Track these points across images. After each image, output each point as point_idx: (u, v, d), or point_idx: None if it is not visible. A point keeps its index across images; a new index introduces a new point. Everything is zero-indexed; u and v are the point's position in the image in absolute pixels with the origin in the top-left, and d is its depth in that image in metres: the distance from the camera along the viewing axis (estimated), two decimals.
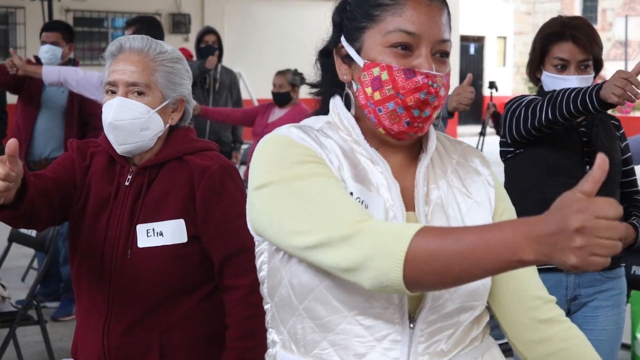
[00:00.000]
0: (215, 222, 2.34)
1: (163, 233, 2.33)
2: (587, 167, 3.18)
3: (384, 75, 1.61)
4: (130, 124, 2.33)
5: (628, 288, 4.02)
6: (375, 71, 1.63)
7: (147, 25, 5.78)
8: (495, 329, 4.37)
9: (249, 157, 7.07)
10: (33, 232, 4.63)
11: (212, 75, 7.35)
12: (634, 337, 4.82)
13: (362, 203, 1.58)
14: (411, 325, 1.59)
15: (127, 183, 2.39)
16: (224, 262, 2.36)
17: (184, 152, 2.39)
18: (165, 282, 2.35)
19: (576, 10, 34.56)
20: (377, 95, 1.63)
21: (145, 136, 2.36)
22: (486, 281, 1.66)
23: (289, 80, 6.86)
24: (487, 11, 28.41)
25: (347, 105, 1.72)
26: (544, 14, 34.52)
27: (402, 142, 1.68)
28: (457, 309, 1.62)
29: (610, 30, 33.50)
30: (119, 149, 2.38)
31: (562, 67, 3.20)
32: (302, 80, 6.99)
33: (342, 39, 1.70)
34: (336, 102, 1.73)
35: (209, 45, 7.37)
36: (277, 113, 6.90)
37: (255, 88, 19.09)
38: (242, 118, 6.96)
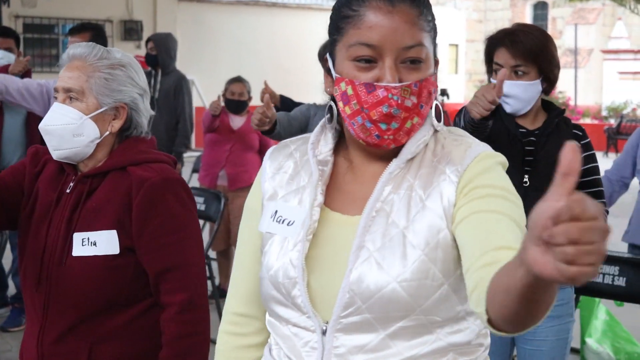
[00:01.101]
0: (150, 236, 2.28)
1: (97, 243, 2.29)
2: (526, 176, 3.21)
3: (349, 90, 1.59)
4: (62, 129, 2.31)
5: (577, 294, 4.07)
6: (342, 86, 1.61)
7: (99, 33, 5.72)
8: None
9: (202, 162, 6.99)
10: None
11: (153, 84, 7.26)
12: (583, 342, 4.88)
13: (283, 221, 1.67)
14: (324, 334, 1.60)
15: (68, 191, 2.37)
16: (158, 278, 2.30)
17: (127, 163, 2.35)
18: (97, 293, 2.30)
19: (527, 19, 35.00)
20: (347, 110, 1.61)
21: (79, 142, 2.33)
22: (415, 291, 1.53)
23: (248, 88, 6.84)
24: (439, 19, 28.54)
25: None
26: (495, 21, 34.89)
27: (384, 151, 1.65)
28: (375, 319, 1.56)
29: (561, 38, 33.94)
30: (54, 154, 2.36)
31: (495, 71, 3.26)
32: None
33: (328, 51, 1.70)
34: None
35: (147, 52, 7.34)
36: (238, 120, 6.83)
37: (209, 95, 19.03)
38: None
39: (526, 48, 3.18)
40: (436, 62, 1.67)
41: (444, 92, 12.86)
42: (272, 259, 1.65)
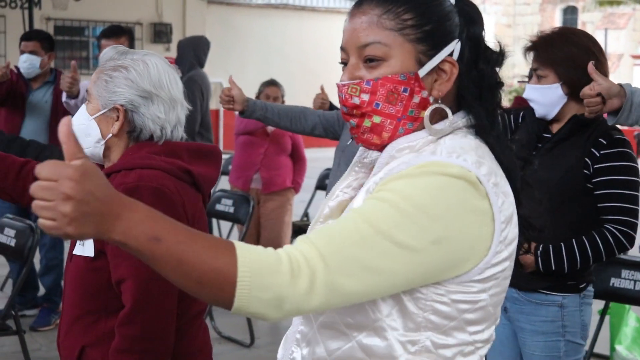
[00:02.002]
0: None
1: (84, 243, 2.33)
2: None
3: None
4: (78, 129, 2.38)
5: (606, 300, 4.04)
6: None
7: (132, 36, 5.78)
8: None
9: (234, 165, 6.97)
10: (12, 242, 4.60)
11: None
12: (612, 349, 4.85)
13: None
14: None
15: None
16: (118, 287, 2.28)
17: (123, 167, 2.36)
18: (82, 294, 2.34)
19: (556, 23, 34.80)
20: None
21: (89, 142, 2.39)
22: None
23: (282, 92, 6.79)
24: None
25: None
26: (525, 26, 34.75)
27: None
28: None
29: None
30: None
31: (530, 76, 3.28)
32: None
33: None
34: None
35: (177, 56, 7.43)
36: None
37: None
38: None
39: (539, 52, 3.20)
40: (452, 63, 1.61)
41: None
42: None
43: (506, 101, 29.55)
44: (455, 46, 1.62)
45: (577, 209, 3.16)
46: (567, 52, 3.16)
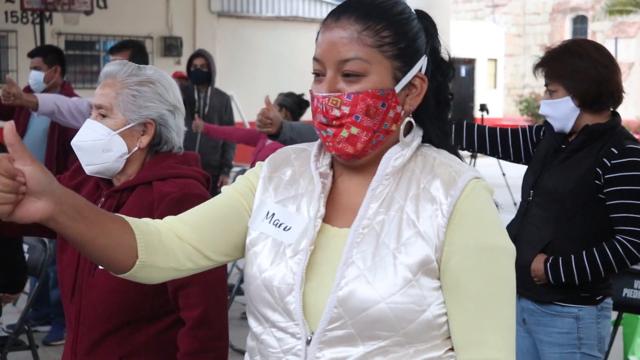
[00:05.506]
0: None
1: None
2: (532, 191, 3.31)
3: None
4: (92, 145, 2.38)
5: (619, 310, 4.03)
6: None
7: (139, 50, 5.78)
8: None
9: None
10: (25, 257, 4.61)
11: (202, 98, 7.36)
12: (625, 359, 4.83)
13: (280, 225, 1.73)
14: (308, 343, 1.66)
15: (100, 205, 2.41)
16: (176, 293, 2.32)
17: (153, 178, 2.39)
18: (121, 306, 2.34)
19: (566, 33, 34.77)
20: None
21: (108, 158, 2.39)
22: (399, 312, 1.59)
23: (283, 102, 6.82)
24: (478, 33, 28.53)
25: None
26: (535, 36, 34.74)
27: (352, 163, 1.72)
28: (359, 335, 1.61)
29: None
30: (87, 169, 2.43)
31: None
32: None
33: None
34: None
35: (197, 68, 7.39)
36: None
37: (247, 111, 19.08)
38: (244, 136, 6.88)
39: (547, 68, 3.27)
40: (422, 79, 1.70)
41: (483, 107, 12.77)
42: (266, 261, 1.71)
43: (517, 111, 29.20)
44: (423, 62, 1.70)
45: (589, 220, 3.16)
46: (572, 65, 3.20)
